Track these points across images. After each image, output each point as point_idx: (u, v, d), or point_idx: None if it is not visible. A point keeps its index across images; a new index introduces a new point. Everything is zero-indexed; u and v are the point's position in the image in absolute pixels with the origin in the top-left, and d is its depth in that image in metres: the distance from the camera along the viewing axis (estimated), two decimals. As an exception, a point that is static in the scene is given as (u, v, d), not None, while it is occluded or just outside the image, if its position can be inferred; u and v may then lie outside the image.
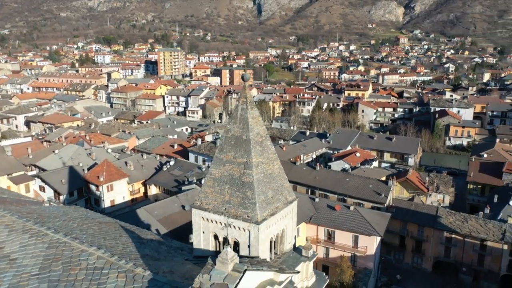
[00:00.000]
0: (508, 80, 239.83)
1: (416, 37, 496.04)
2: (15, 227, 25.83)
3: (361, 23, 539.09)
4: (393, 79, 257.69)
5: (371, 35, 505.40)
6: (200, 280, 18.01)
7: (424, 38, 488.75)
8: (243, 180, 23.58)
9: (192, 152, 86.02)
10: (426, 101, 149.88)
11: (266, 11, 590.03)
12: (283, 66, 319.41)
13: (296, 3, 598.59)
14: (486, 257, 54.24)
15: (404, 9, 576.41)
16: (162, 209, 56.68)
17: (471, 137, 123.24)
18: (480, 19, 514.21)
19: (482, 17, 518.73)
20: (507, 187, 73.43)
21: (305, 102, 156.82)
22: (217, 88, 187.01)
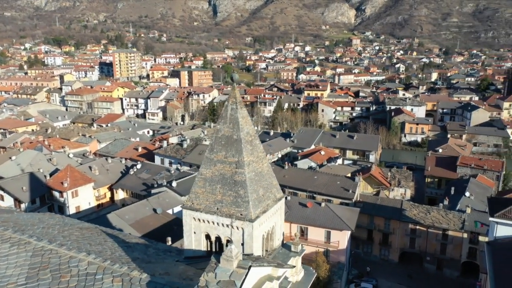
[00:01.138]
0: (454, 79, 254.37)
1: (368, 38, 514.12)
2: (-8, 237, 24.60)
3: (315, 25, 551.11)
4: (348, 79, 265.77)
5: (325, 36, 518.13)
6: (205, 279, 18.16)
7: (375, 39, 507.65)
8: (235, 179, 23.91)
9: (158, 155, 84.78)
10: (382, 100, 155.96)
11: (221, 12, 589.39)
12: (241, 67, 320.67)
13: (251, 4, 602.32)
14: (448, 246, 57.59)
15: (356, 11, 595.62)
16: (133, 213, 55.66)
17: (424, 134, 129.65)
18: (426, 22, 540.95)
19: (427, 19, 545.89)
20: (462, 179, 78.12)
21: (266, 103, 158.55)
22: (176, 89, 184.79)
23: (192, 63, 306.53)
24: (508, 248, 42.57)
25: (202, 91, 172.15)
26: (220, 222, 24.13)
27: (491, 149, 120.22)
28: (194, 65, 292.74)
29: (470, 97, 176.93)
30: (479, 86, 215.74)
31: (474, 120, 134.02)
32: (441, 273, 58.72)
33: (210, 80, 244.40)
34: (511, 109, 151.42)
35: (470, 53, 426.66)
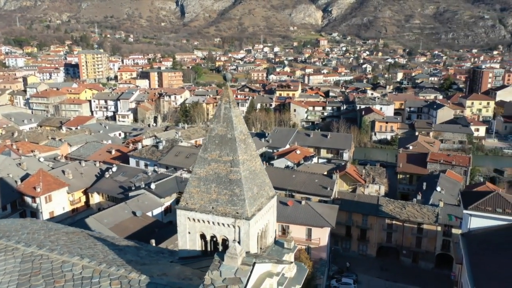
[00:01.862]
0: (419, 79, 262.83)
1: (335, 39, 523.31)
2: (-25, 245, 23.75)
3: (283, 26, 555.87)
4: (317, 79, 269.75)
5: (293, 37, 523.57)
6: (210, 277, 18.23)
7: (342, 40, 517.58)
8: (230, 177, 24.04)
9: (133, 157, 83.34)
10: (352, 100, 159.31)
11: (189, 13, 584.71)
12: (211, 68, 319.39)
13: (219, 5, 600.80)
14: (423, 239, 59.68)
15: (323, 13, 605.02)
16: (111, 216, 54.61)
17: (394, 132, 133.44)
18: (390, 23, 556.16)
19: (391, 21, 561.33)
20: (432, 175, 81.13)
21: (239, 103, 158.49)
22: (147, 91, 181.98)
23: (161, 64, 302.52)
24: (482, 239, 44.60)
25: (174, 92, 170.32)
26: (215, 221, 24.19)
27: (457, 146, 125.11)
28: (163, 66, 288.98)
29: (434, 96, 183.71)
30: (442, 85, 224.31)
31: (440, 118, 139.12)
32: (416, 265, 60.76)
33: (181, 81, 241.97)
34: (473, 107, 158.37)
35: (432, 54, 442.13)
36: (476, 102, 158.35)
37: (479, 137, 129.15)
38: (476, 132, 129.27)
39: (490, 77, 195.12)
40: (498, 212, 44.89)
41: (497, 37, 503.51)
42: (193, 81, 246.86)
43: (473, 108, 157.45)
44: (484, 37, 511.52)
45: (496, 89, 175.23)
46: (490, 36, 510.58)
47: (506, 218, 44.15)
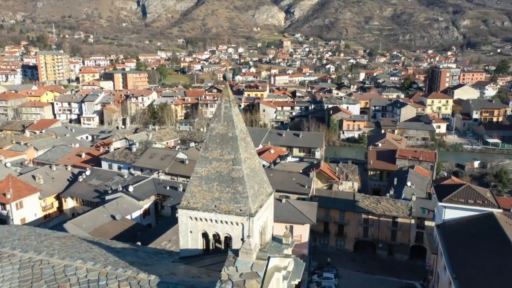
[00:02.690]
0: (380, 79, 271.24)
1: (298, 40, 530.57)
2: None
3: (246, 27, 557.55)
4: (283, 79, 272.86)
5: (257, 38, 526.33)
6: (227, 273, 18.49)
7: (305, 41, 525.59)
8: (233, 176, 24.35)
9: (105, 160, 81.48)
10: (319, 99, 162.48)
11: (151, 13, 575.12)
12: (176, 69, 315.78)
13: (182, 5, 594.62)
14: (398, 232, 62.08)
15: (285, 14, 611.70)
16: (90, 221, 53.39)
17: (361, 130, 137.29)
18: (351, 25, 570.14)
19: (352, 22, 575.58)
20: (401, 171, 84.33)
21: (208, 104, 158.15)
22: (112, 92, 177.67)
23: (124, 65, 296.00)
24: (456, 229, 47.13)
25: (141, 93, 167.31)
26: (218, 219, 24.42)
27: (420, 142, 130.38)
28: (127, 67, 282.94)
29: (397, 95, 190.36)
30: (403, 84, 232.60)
31: (403, 116, 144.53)
32: (392, 257, 63.10)
33: (146, 82, 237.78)
34: (433, 105, 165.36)
35: (391, 54, 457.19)
36: (436, 100, 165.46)
37: (440, 134, 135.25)
38: (438, 129, 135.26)
39: (447, 77, 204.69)
40: (470, 203, 47.58)
41: (450, 38, 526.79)
42: (159, 82, 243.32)
43: (433, 106, 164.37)
44: (439, 38, 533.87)
45: (454, 88, 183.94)
46: (444, 37, 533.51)
47: (477, 208, 46.92)
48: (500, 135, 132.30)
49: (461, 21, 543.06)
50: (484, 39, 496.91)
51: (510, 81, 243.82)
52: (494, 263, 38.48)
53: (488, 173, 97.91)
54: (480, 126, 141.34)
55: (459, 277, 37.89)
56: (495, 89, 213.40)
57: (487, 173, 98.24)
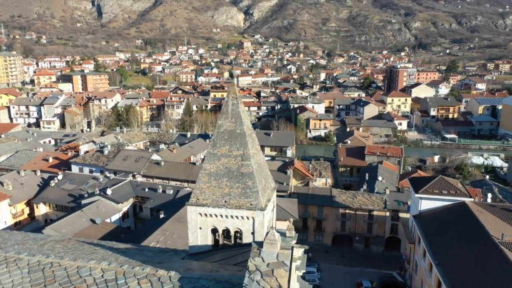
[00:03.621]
0: (340, 79, 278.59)
1: (258, 41, 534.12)
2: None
3: (206, 28, 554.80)
4: (246, 80, 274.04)
5: (217, 39, 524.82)
6: (254, 264, 18.96)
7: (265, 42, 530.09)
8: (242, 171, 24.84)
9: (75, 164, 79.00)
10: (285, 99, 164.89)
11: (107, 13, 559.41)
12: (136, 70, 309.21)
13: (139, 6, 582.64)
14: (373, 225, 64.56)
15: (244, 15, 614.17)
16: (69, 226, 51.91)
17: (327, 128, 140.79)
18: (309, 26, 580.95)
19: (310, 24, 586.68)
20: (371, 166, 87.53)
21: (174, 105, 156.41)
22: (73, 95, 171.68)
23: (81, 67, 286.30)
24: (432, 219, 49.80)
25: (104, 96, 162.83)
26: (229, 214, 24.86)
27: (383, 139, 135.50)
28: (85, 69, 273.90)
29: (358, 94, 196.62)
30: (363, 84, 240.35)
31: (367, 114, 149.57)
32: (369, 249, 65.52)
33: (107, 84, 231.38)
34: (393, 104, 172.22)
35: (348, 55, 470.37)
36: (395, 99, 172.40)
37: (402, 131, 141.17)
38: (399, 126, 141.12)
39: (405, 76, 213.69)
40: (444, 193, 50.43)
41: (403, 39, 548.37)
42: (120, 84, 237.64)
43: (393, 104, 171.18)
44: (392, 39, 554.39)
45: (411, 86, 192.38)
46: (397, 38, 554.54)
47: (451, 198, 49.77)
48: (457, 130, 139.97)
49: (413, 23, 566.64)
50: (434, 40, 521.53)
51: (460, 80, 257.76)
52: (471, 247, 41.14)
53: (449, 167, 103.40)
54: (438, 122, 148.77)
55: (440, 263, 40.19)
56: (448, 87, 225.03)
57: (448, 167, 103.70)
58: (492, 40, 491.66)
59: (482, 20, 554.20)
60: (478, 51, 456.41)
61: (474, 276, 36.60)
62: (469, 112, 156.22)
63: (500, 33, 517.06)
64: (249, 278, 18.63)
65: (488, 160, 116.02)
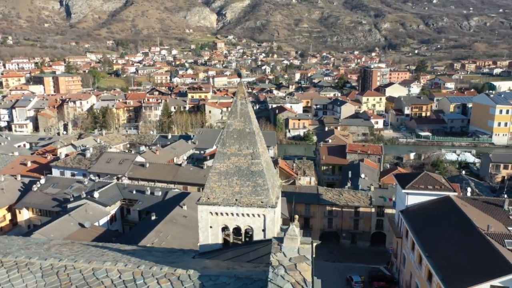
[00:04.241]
0: (315, 79, 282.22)
1: (231, 42, 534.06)
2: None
3: (179, 28, 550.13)
4: (222, 81, 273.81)
5: (190, 40, 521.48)
6: (276, 259, 19.36)
7: (238, 43, 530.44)
8: (252, 169, 25.21)
9: (56, 168, 77.18)
10: (263, 99, 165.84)
11: (76, 14, 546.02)
12: (109, 71, 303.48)
13: (109, 6, 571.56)
14: (359, 221, 66.07)
15: (217, 16, 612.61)
16: (57, 230, 50.87)
17: (306, 128, 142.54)
18: (281, 27, 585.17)
19: (282, 25, 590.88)
20: (353, 164, 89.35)
21: (152, 107, 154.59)
22: (45, 97, 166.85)
23: (52, 68, 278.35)
24: (419, 213, 51.48)
25: (79, 98, 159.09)
26: (240, 212, 25.19)
27: (361, 138, 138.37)
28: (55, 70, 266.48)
29: (333, 94, 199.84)
30: (337, 84, 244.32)
31: (344, 113, 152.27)
32: (355, 245, 67.01)
33: (80, 86, 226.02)
34: (368, 103, 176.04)
35: (321, 55, 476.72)
36: (370, 98, 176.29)
37: (378, 129, 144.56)
38: (376, 125, 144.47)
39: (378, 76, 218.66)
40: (429, 188, 52.25)
41: (373, 40, 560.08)
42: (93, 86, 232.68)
43: (368, 103, 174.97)
44: (363, 40, 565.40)
45: (385, 86, 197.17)
46: (368, 39, 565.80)
47: (436, 193, 51.64)
48: (430, 128, 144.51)
49: (382, 24, 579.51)
50: (403, 41, 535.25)
51: (430, 80, 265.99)
52: (459, 240, 42.84)
53: (426, 163, 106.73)
54: (412, 121, 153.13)
55: (431, 255, 41.72)
56: (419, 86, 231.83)
57: (425, 163, 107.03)
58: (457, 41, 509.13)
59: (448, 22, 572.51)
60: (445, 51, 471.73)
61: (464, 267, 38.17)
62: (441, 110, 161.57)
63: (465, 34, 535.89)
64: (273, 273, 19.00)
65: (460, 156, 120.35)
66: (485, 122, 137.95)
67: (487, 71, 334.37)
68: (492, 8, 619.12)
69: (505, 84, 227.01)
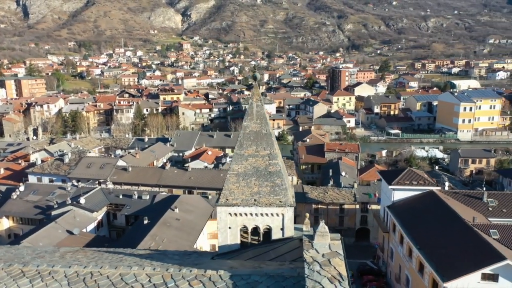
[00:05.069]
0: (284, 79, 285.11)
1: (197, 43, 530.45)
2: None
3: (143, 29, 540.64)
4: (191, 82, 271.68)
5: (155, 41, 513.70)
6: (310, 256, 19.95)
7: (204, 44, 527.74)
8: (270, 170, 25.74)
9: (33, 174, 74.54)
10: (236, 100, 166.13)
11: (34, 14, 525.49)
12: (73, 74, 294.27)
13: (69, 6, 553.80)
14: (345, 218, 67.83)
15: (182, 17, 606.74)
16: (46, 238, 49.48)
17: (280, 128, 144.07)
18: (247, 28, 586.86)
19: (248, 25, 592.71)
20: (332, 162, 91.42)
21: (123, 109, 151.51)
22: (9, 101, 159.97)
23: (11, 71, 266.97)
24: (405, 208, 53.56)
25: (46, 101, 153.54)
26: (259, 212, 25.65)
27: (334, 137, 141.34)
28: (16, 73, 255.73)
29: (304, 94, 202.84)
30: (307, 84, 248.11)
31: (316, 113, 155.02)
32: (340, 242, 68.54)
33: (44, 89, 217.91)
34: (338, 102, 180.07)
35: (287, 56, 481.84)
36: (340, 97, 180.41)
37: (351, 128, 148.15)
38: (348, 124, 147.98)
39: (347, 76, 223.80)
40: (414, 184, 54.46)
41: (337, 40, 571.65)
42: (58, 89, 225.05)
43: (338, 103, 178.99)
44: (327, 41, 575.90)
45: (353, 86, 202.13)
46: (332, 40, 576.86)
47: (421, 188, 53.89)
48: (399, 126, 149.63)
49: (345, 25, 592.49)
50: (366, 41, 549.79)
51: (394, 79, 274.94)
52: (447, 231, 44.98)
53: (399, 160, 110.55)
54: (382, 119, 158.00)
55: (422, 247, 43.63)
56: (385, 86, 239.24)
57: (398, 160, 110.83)
58: (417, 41, 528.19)
59: (407, 23, 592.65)
60: (406, 52, 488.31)
61: (455, 257, 40.18)
62: (408, 108, 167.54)
63: (423, 35, 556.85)
64: (309, 269, 19.61)
65: (429, 152, 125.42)
66: (450, 119, 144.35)
67: (446, 70, 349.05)
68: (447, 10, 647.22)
69: (464, 82, 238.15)
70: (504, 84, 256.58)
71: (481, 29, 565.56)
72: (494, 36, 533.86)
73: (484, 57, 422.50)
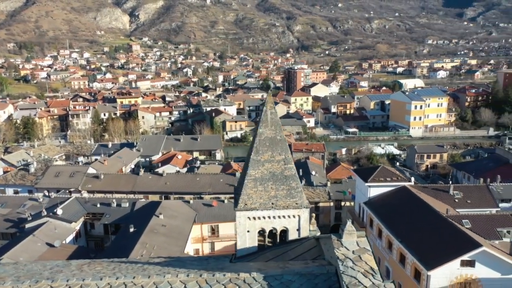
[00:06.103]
0: (238, 80, 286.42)
1: (147, 44, 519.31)
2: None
3: (89, 30, 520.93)
4: (145, 85, 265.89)
5: (102, 42, 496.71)
6: (341, 253, 21.34)
7: (154, 45, 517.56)
8: (286, 174, 26.96)
9: (-4, 186, 70.65)
10: (196, 103, 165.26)
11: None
12: (16, 77, 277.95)
13: (7, 5, 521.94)
14: (320, 215, 70.17)
15: (130, 17, 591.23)
16: (25, 253, 47.65)
17: (243, 130, 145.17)
18: (198, 29, 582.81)
19: (198, 26, 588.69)
20: (299, 162, 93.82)
21: (80, 114, 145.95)
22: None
23: None
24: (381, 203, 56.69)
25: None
26: (276, 215, 26.79)
27: (295, 137, 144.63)
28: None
29: (261, 95, 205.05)
30: (262, 85, 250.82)
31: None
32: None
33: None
34: (296, 103, 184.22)
35: (239, 57, 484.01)
36: (298, 98, 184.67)
37: (310, 128, 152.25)
38: (308, 123, 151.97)
39: (302, 76, 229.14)
40: (388, 180, 57.79)
41: (287, 41, 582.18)
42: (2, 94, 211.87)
43: (296, 103, 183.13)
44: (278, 41, 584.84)
45: (309, 86, 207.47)
46: (282, 41, 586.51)
47: (395, 184, 57.29)
48: (356, 125, 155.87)
49: (294, 26, 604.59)
50: (314, 42, 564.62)
51: (346, 79, 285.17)
52: (423, 224, 48.31)
53: (360, 157, 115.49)
54: (339, 118, 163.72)
55: (403, 240, 46.65)
56: (337, 86, 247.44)
57: (359, 158, 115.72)
58: (362, 42, 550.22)
59: (353, 24, 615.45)
60: (352, 52, 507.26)
61: (435, 247, 43.41)
62: (363, 107, 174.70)
63: (368, 36, 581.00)
64: (343, 265, 21.04)
65: (385, 149, 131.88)
66: (403, 117, 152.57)
67: (391, 70, 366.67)
68: (389, 12, 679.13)
69: (410, 81, 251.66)
70: (445, 82, 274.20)
71: (420, 30, 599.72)
72: (432, 37, 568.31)
73: (424, 57, 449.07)
